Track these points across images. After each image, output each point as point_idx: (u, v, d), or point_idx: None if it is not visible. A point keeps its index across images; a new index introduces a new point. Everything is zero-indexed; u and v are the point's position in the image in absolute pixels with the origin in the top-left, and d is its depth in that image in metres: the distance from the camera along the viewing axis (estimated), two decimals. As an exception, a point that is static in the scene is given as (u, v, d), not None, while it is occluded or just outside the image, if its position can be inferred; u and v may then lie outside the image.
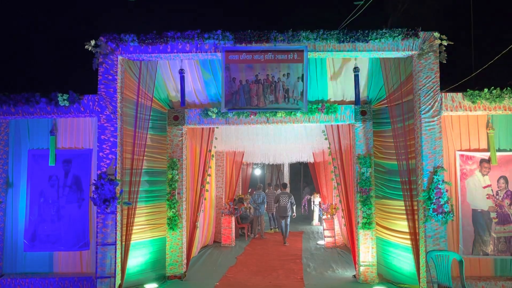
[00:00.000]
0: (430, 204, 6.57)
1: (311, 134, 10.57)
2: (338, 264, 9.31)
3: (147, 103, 7.54)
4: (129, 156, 7.23)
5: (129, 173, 7.21)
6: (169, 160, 8.24)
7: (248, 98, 7.08)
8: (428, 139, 6.73)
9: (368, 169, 7.91)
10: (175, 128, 8.30)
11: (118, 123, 6.98)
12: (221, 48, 6.89)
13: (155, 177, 8.07)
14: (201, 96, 8.24)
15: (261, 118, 8.11)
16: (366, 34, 6.79)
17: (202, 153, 9.05)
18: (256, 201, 12.93)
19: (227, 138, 10.77)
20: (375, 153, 8.02)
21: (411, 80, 7.09)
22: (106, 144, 6.90)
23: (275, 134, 10.68)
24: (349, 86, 7.80)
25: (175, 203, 8.14)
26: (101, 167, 6.86)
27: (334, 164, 8.89)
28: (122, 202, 6.98)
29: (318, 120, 8.09)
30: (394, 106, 7.39)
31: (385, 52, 6.91)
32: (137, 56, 7.08)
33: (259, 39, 6.90)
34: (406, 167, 7.08)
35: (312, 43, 6.87)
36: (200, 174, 8.94)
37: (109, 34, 6.91)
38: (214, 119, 8.21)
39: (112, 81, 6.95)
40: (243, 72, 7.00)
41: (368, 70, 7.60)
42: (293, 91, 7.02)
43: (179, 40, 6.90)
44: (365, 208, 7.87)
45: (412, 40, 6.82)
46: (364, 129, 8.03)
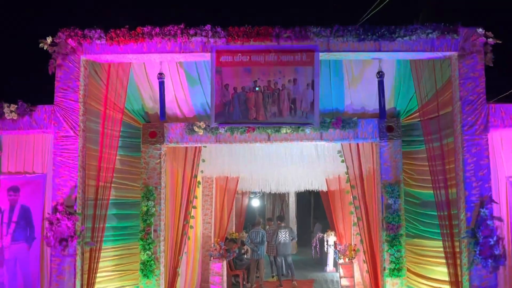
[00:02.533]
0: (476, 245, 6.52)
1: (323, 155, 10.55)
2: (359, 322, 9.20)
3: (117, 116, 7.54)
4: (93, 183, 7.19)
5: (93, 204, 7.16)
6: (143, 189, 8.20)
7: (245, 110, 7.09)
8: (472, 163, 6.73)
9: (396, 200, 7.88)
10: (151, 148, 8.29)
11: (80, 141, 6.96)
12: (210, 47, 6.93)
13: (125, 210, 8.01)
14: (185, 107, 8.25)
15: (260, 135, 8.11)
16: (392, 30, 6.86)
17: (186, 180, 9.02)
18: (253, 241, 12.86)
19: (218, 160, 10.73)
20: (405, 180, 8.00)
21: (450, 88, 7.12)
22: (64, 168, 6.86)
23: (278, 155, 10.66)
24: (372, 95, 7.82)
25: (151, 244, 8.07)
26: (57, 197, 6.81)
27: (353, 193, 8.86)
28: (84, 242, 6.91)
29: (333, 137, 8.10)
30: (429, 121, 7.41)
31: (416, 53, 6.96)
32: (105, 57, 7.11)
33: (258, 36, 6.96)
34: (445, 198, 7.05)
35: (325, 41, 6.92)
36: (182, 206, 8.88)
37: (69, 30, 6.96)
38: (202, 136, 8.20)
39: (73, 88, 6.96)
40: (239, 78, 7.03)
41: (395, 75, 7.64)
42: (301, 101, 7.04)
43: (158, 37, 6.95)
44: (393, 250, 7.81)
45: (451, 37, 6.88)
46: (391, 149, 8.03)
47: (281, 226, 13.07)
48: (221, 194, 13.10)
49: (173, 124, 8.31)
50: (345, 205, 12.16)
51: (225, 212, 13.13)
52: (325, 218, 16.06)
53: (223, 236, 12.85)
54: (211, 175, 12.13)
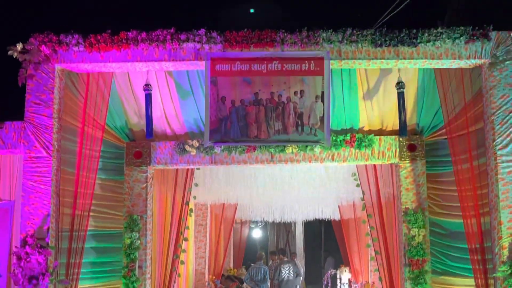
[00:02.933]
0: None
1: (335, 178, 10.57)
2: None
3: (97, 134, 7.55)
4: (68, 212, 7.17)
5: (68, 236, 7.12)
6: (127, 218, 8.19)
7: (244, 127, 7.11)
8: (508, 187, 6.73)
9: (420, 231, 7.85)
10: (136, 170, 8.29)
11: (54, 163, 6.96)
12: (205, 54, 6.98)
13: (106, 243, 7.99)
14: (175, 123, 8.28)
15: (262, 156, 8.12)
16: (414, 35, 6.90)
17: (176, 207, 9.00)
18: (254, 278, 12.78)
19: (213, 184, 10.75)
20: (430, 207, 7.99)
21: (481, 101, 7.14)
22: (34, 193, 6.85)
23: (283, 178, 10.67)
24: (391, 110, 7.86)
25: (135, 282, 8.04)
26: (26, 228, 6.78)
27: (371, 223, 8.85)
28: (57, 281, 6.86)
29: (346, 158, 8.11)
30: (457, 138, 7.41)
31: (441, 60, 7.00)
32: (83, 66, 7.15)
33: (260, 42, 7.01)
34: (477, 228, 7.03)
35: (336, 48, 6.97)
36: (172, 238, 8.86)
37: (43, 35, 7.00)
38: (194, 156, 8.21)
39: (46, 102, 6.98)
40: (237, 89, 7.07)
41: (417, 87, 7.67)
42: (309, 116, 7.07)
43: (145, 43, 7.00)
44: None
45: (481, 43, 6.92)
46: (414, 171, 8.04)
47: (284, 261, 13.00)
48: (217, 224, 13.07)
49: (162, 143, 8.32)
50: (361, 236, 12.11)
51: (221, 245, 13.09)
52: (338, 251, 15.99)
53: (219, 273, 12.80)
54: (206, 201, 12.13)
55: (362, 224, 11.25)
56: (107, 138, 7.98)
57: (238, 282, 13.35)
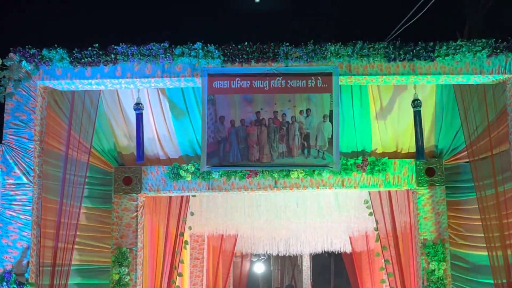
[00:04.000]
0: (546, 323, 6.46)
1: (346, 206, 10.57)
2: None
3: (82, 158, 7.55)
4: (50, 245, 7.15)
5: (50, 272, 7.09)
6: (115, 251, 8.18)
7: (245, 149, 7.13)
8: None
9: (441, 265, 7.84)
10: (126, 198, 8.31)
11: (35, 190, 6.96)
12: (201, 70, 7.02)
13: (92, 279, 7.98)
14: (168, 146, 8.30)
15: (265, 181, 8.14)
16: (431, 48, 6.93)
17: (170, 239, 9.00)
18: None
19: (211, 213, 10.75)
20: (451, 238, 7.99)
21: (505, 120, 7.15)
22: (13, 224, 6.84)
23: (288, 206, 10.68)
24: (406, 130, 7.90)
25: (124, 324, 8.01)
26: (3, 263, 6.77)
27: (385, 256, 8.83)
28: (37, 321, 6.83)
29: (358, 183, 8.13)
30: (480, 162, 7.40)
31: (461, 76, 7.03)
32: (68, 84, 7.18)
33: (262, 57, 7.05)
34: (503, 262, 6.98)
35: (345, 63, 7.01)
36: (165, 273, 8.85)
37: (24, 50, 7.04)
38: (190, 182, 8.23)
39: (26, 123, 6.99)
40: (237, 108, 7.10)
41: (435, 105, 7.71)
42: (316, 137, 7.09)
43: (135, 58, 7.04)
44: (439, 329, 7.76)
45: (505, 57, 6.96)
46: (433, 198, 8.05)
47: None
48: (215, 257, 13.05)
49: (154, 167, 8.36)
50: (375, 271, 12.07)
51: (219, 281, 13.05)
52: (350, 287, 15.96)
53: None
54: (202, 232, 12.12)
55: (376, 257, 11.21)
56: (93, 163, 8.00)
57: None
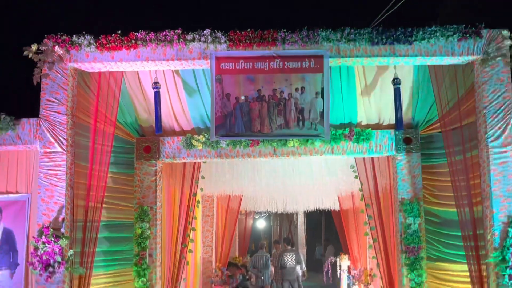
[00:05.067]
0: (505, 268, 6.51)
1: (335, 170, 10.60)
2: None
3: (108, 130, 7.57)
4: (82, 204, 7.21)
5: (82, 227, 7.16)
6: (137, 209, 8.21)
7: (248, 122, 7.13)
8: (500, 177, 6.73)
9: (416, 220, 7.87)
10: (146, 164, 8.31)
11: (68, 157, 7.00)
12: (210, 53, 6.99)
13: (118, 233, 8.01)
14: (182, 119, 8.29)
15: (265, 149, 8.13)
16: (409, 33, 6.91)
17: (184, 199, 9.02)
18: (256, 265, 12.84)
19: (219, 177, 10.77)
20: (425, 197, 8.00)
21: (473, 96, 7.15)
22: (50, 186, 6.90)
23: (285, 171, 10.70)
24: (387, 105, 7.87)
25: (146, 270, 8.07)
26: (42, 219, 6.83)
27: (369, 212, 8.86)
28: (72, 269, 6.90)
29: (345, 151, 8.12)
30: (451, 132, 7.41)
31: (435, 57, 7.01)
32: (95, 66, 7.18)
33: (262, 41, 7.02)
34: (469, 217, 7.04)
35: (335, 46, 6.97)
36: (180, 228, 8.88)
37: (56, 36, 7.03)
38: (201, 150, 8.23)
39: (60, 99, 7.02)
40: (241, 86, 7.08)
41: (413, 82, 7.67)
42: (309, 111, 7.08)
43: (153, 43, 7.02)
44: (414, 274, 7.79)
45: (473, 40, 6.92)
46: (410, 163, 8.05)
47: (287, 249, 13.08)
48: (223, 215, 13.09)
49: (170, 138, 8.34)
50: (360, 225, 12.11)
51: (227, 235, 13.11)
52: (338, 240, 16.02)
53: (226, 261, 12.82)
54: (212, 193, 12.14)
55: (361, 213, 11.26)
56: (118, 134, 8.00)
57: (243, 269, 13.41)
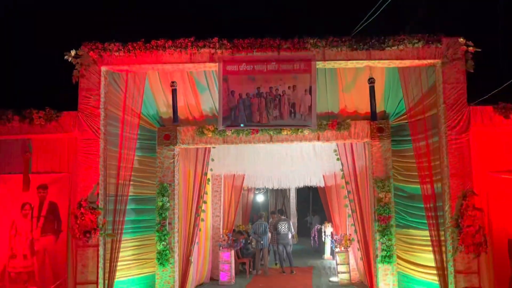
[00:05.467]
0: (459, 234, 6.56)
1: (320, 154, 10.57)
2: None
3: (134, 121, 7.58)
4: (113, 181, 7.23)
5: (113, 200, 7.20)
6: (159, 186, 8.24)
7: (249, 114, 7.12)
8: (455, 159, 6.76)
9: (387, 194, 7.91)
10: (166, 149, 8.32)
11: (101, 143, 7.02)
12: (217, 57, 6.97)
13: (143, 205, 8.05)
14: (195, 111, 8.29)
15: (263, 137, 8.14)
16: (382, 41, 6.89)
17: (197, 177, 9.05)
18: (256, 232, 12.89)
19: (225, 159, 10.74)
20: (394, 176, 8.02)
21: (434, 92, 7.14)
22: (87, 167, 6.93)
23: (280, 154, 10.68)
24: (364, 100, 7.84)
25: (166, 235, 8.11)
26: (81, 194, 6.87)
27: (348, 188, 8.90)
28: (105, 234, 6.95)
29: (329, 138, 8.13)
30: (416, 122, 7.41)
31: (403, 61, 7.00)
32: (123, 68, 7.17)
33: (261, 47, 7.00)
34: (431, 191, 7.07)
35: (321, 51, 6.96)
36: (194, 201, 8.92)
37: (91, 43, 7.01)
38: (210, 137, 8.24)
39: (94, 95, 7.03)
40: (243, 85, 7.06)
41: (385, 81, 7.66)
42: (300, 105, 7.07)
43: (171, 49, 7.00)
44: (385, 239, 7.84)
45: (434, 47, 6.91)
46: (382, 148, 8.06)
47: (281, 219, 13.29)
48: (229, 190, 13.09)
49: (185, 127, 8.35)
50: (341, 198, 12.12)
51: (232, 207, 13.12)
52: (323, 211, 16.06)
53: (231, 228, 12.84)
54: (220, 173, 12.12)
55: (341, 189, 11.27)
56: (142, 124, 8.01)
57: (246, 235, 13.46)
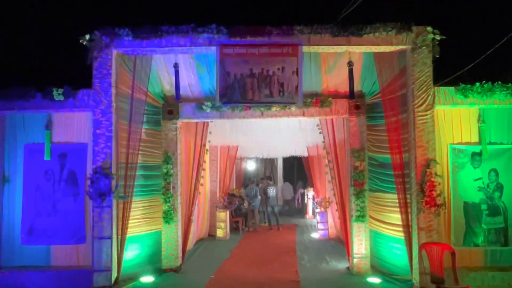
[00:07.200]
0: (423, 197, 6.70)
1: (305, 128, 10.64)
2: (332, 257, 9.45)
3: (142, 98, 7.59)
4: (124, 151, 7.30)
5: (124, 167, 7.28)
6: (164, 155, 8.28)
7: (243, 92, 7.13)
8: (421, 133, 6.85)
9: (361, 163, 7.99)
10: (169, 123, 8.34)
11: (113, 117, 7.05)
12: (215, 42, 6.95)
13: (150, 172, 8.12)
14: (195, 90, 8.29)
15: (255, 112, 8.15)
16: (360, 28, 6.88)
17: (197, 148, 9.10)
18: (249, 195, 13.10)
19: (222, 132, 10.79)
20: (369, 147, 8.09)
21: (405, 74, 7.18)
22: (101, 138, 6.98)
23: (270, 128, 10.72)
24: (344, 80, 7.86)
25: (170, 197, 8.20)
26: (96, 162, 6.94)
27: (328, 158, 8.98)
28: (118, 196, 7.06)
29: (313, 114, 8.16)
30: (388, 100, 7.46)
31: (379, 46, 7.01)
32: (131, 51, 7.14)
33: (254, 33, 6.98)
34: (400, 161, 7.18)
35: (306, 37, 6.95)
36: (194, 168, 8.99)
37: (104, 29, 6.96)
38: (209, 113, 8.24)
39: (107, 75, 7.02)
40: (238, 66, 7.05)
41: (362, 64, 7.66)
42: (288, 85, 7.08)
43: (174, 34, 6.97)
44: (359, 201, 7.97)
45: (406, 34, 6.93)
46: (358, 123, 8.10)
47: (270, 184, 13.65)
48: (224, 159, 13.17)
49: (186, 103, 8.34)
50: (322, 167, 12.27)
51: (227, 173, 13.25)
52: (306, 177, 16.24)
53: (226, 191, 13.01)
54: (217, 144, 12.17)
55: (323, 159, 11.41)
56: (149, 101, 8.01)
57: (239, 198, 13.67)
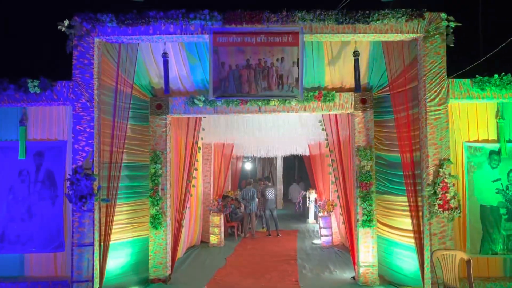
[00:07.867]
0: (436, 199, 6.61)
1: (306, 124, 10.57)
2: (336, 265, 9.35)
3: (127, 91, 7.44)
4: (107, 149, 7.15)
5: (108, 167, 7.13)
6: (151, 153, 8.16)
7: (239, 85, 7.01)
8: (434, 129, 6.76)
9: (368, 162, 7.92)
10: (158, 118, 8.21)
11: (95, 112, 6.89)
12: (208, 29, 6.81)
13: (136, 172, 7.99)
14: (186, 82, 8.15)
15: (252, 107, 8.05)
16: (367, 15, 6.77)
17: (188, 145, 8.99)
18: (245, 198, 12.96)
19: (215, 128, 10.71)
20: (376, 145, 8.02)
21: (416, 66, 7.08)
22: (82, 135, 6.82)
23: (268, 124, 10.65)
24: (349, 72, 7.76)
25: (159, 200, 8.08)
26: (76, 161, 6.78)
27: (332, 157, 8.90)
28: (100, 199, 6.91)
29: (315, 109, 8.07)
30: (397, 94, 7.37)
31: (387, 35, 6.91)
32: (115, 38, 6.97)
33: (251, 20, 6.84)
34: (410, 160, 7.09)
35: (308, 25, 6.82)
36: (185, 168, 8.88)
37: (84, 14, 6.80)
38: (201, 107, 8.13)
39: (88, 65, 6.85)
40: (233, 56, 6.93)
41: (369, 55, 7.57)
42: (287, 77, 6.98)
43: (162, 20, 6.82)
44: (365, 204, 7.89)
45: (417, 21, 6.81)
46: (365, 118, 8.03)
47: (268, 185, 13.52)
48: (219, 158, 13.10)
49: (176, 97, 8.22)
50: (325, 167, 12.22)
51: (222, 174, 13.16)
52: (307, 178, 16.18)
53: (221, 194, 12.90)
54: (210, 141, 12.13)
55: (326, 158, 11.34)
56: (135, 94, 7.86)
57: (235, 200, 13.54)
